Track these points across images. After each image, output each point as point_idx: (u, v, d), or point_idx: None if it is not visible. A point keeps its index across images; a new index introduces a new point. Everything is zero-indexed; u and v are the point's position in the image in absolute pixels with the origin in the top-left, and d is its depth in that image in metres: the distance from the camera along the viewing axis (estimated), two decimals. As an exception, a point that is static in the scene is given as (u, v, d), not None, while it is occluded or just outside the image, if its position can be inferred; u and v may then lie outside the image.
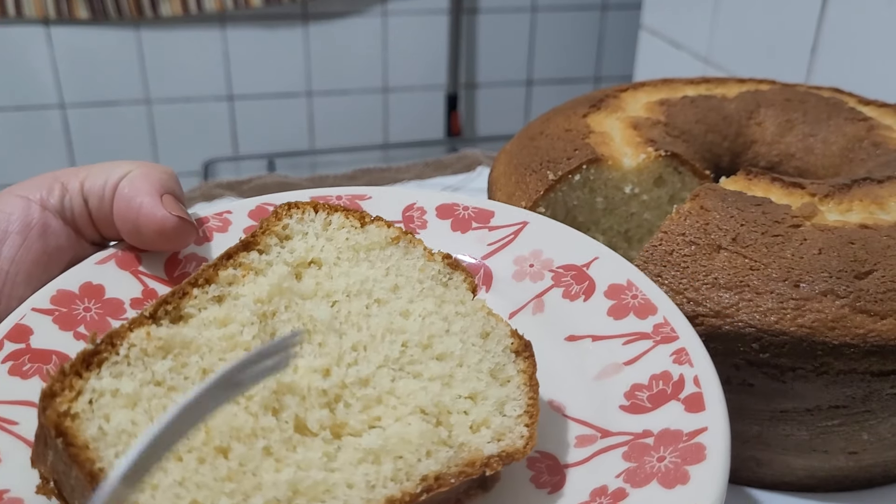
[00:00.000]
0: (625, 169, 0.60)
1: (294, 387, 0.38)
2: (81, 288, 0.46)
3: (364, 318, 0.43)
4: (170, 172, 0.49)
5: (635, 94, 0.70)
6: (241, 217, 0.53)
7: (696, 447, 0.37)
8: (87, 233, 0.48)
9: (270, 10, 2.03)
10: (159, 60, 2.02)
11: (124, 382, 0.35)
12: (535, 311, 0.49)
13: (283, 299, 0.42)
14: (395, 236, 0.47)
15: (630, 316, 0.46)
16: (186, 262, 0.49)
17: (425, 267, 0.46)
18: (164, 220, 0.46)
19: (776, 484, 0.54)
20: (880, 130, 0.63)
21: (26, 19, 1.90)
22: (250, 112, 2.14)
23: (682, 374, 0.41)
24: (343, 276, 0.45)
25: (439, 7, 2.13)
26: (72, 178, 0.47)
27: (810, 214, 0.51)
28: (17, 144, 2.03)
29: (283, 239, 0.46)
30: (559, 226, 0.53)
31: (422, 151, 2.24)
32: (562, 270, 0.50)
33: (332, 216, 0.47)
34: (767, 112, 0.68)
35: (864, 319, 0.46)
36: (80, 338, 0.44)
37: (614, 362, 0.44)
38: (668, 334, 0.43)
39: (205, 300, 0.41)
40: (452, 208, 0.55)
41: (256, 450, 0.36)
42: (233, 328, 0.40)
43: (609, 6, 2.25)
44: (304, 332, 0.41)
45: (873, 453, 0.51)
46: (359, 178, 1.11)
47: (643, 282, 0.47)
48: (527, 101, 2.35)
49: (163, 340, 0.37)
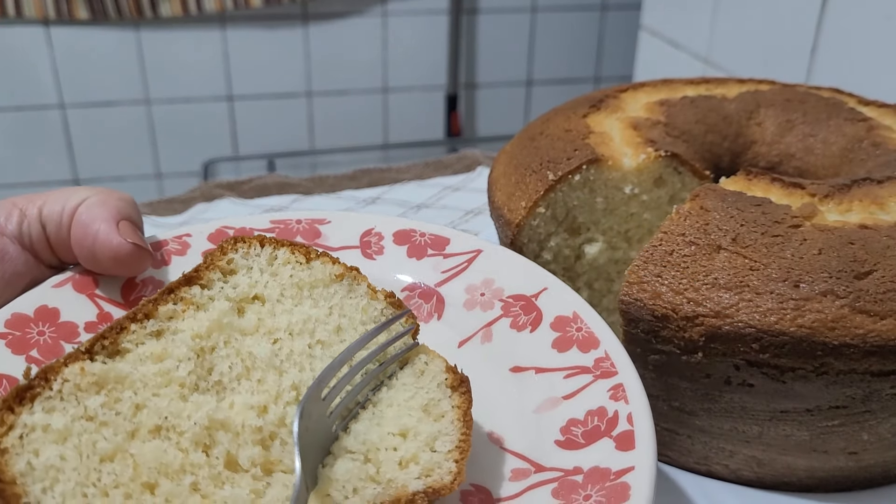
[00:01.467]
0: (625, 169, 0.60)
1: (227, 423, 0.39)
2: (37, 311, 0.46)
3: (307, 359, 0.43)
4: (127, 199, 0.50)
5: (635, 94, 0.70)
6: (199, 240, 0.53)
7: (621, 486, 0.37)
8: (45, 257, 0.49)
9: (270, 10, 2.03)
10: (159, 61, 2.02)
11: (56, 418, 0.35)
12: (483, 340, 0.50)
13: (223, 335, 0.42)
14: (340, 273, 0.47)
15: (573, 349, 0.46)
16: (143, 285, 0.50)
17: (368, 307, 0.46)
18: (120, 246, 0.46)
19: (776, 484, 0.54)
20: (880, 131, 0.63)
21: (26, 19, 1.90)
22: (250, 112, 2.14)
23: (617, 411, 0.41)
24: (286, 314, 0.45)
25: (439, 7, 2.13)
26: (30, 205, 0.48)
27: (810, 215, 0.51)
28: (17, 144, 2.03)
29: (227, 273, 0.46)
30: (511, 255, 0.54)
31: (422, 152, 2.24)
32: (511, 300, 0.51)
33: (278, 251, 0.47)
34: (767, 112, 0.68)
35: (864, 320, 0.46)
36: (31, 361, 0.44)
37: (554, 396, 0.44)
38: (607, 369, 0.44)
39: (142, 335, 0.41)
40: (409, 234, 0.56)
41: (184, 486, 0.36)
42: (168, 363, 0.40)
43: (609, 6, 2.25)
44: (244, 368, 0.42)
45: (873, 453, 0.51)
46: (359, 178, 1.11)
47: (588, 314, 0.48)
48: (527, 102, 2.35)
49: (96, 376, 0.37)
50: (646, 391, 0.53)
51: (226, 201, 1.00)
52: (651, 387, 0.53)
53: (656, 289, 0.50)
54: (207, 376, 0.41)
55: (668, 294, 0.49)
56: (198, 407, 0.38)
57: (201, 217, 0.96)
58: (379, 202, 1.01)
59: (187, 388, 0.39)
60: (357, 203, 1.01)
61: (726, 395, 0.50)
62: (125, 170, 2.13)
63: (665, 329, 0.49)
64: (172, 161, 2.16)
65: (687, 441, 0.54)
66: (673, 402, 0.53)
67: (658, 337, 0.49)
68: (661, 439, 0.55)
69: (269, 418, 0.39)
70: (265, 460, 0.38)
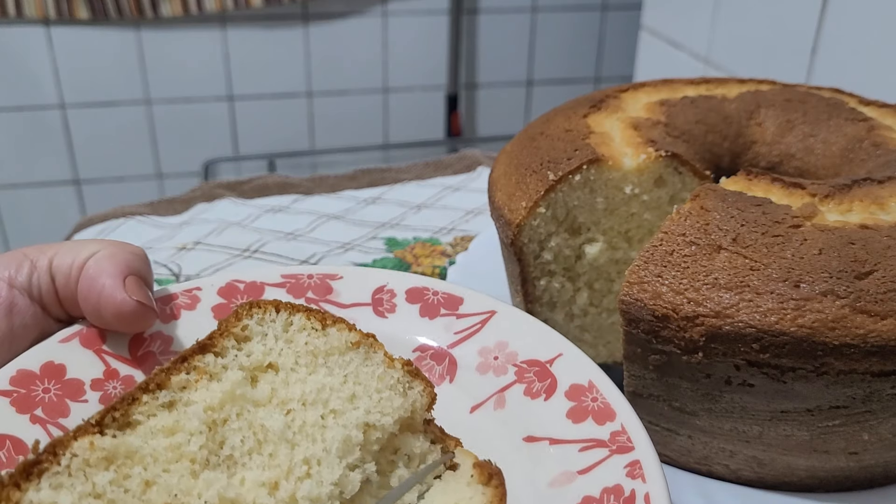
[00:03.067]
0: (625, 169, 0.60)
1: (238, 501, 0.38)
2: (42, 368, 0.45)
3: (319, 430, 0.42)
4: (139, 253, 0.49)
5: (635, 94, 0.70)
6: (210, 294, 0.52)
7: None
8: (54, 310, 0.48)
9: (271, 10, 2.03)
10: (159, 61, 2.02)
11: (63, 495, 0.34)
12: (496, 406, 0.49)
13: (235, 406, 0.41)
14: (356, 341, 0.46)
15: (589, 420, 0.45)
16: (151, 340, 0.49)
17: (384, 375, 0.45)
18: (123, 303, 0.45)
19: (777, 484, 0.54)
20: (881, 131, 0.63)
21: (27, 19, 1.90)
22: (250, 112, 2.14)
23: (634, 490, 0.40)
24: (299, 383, 0.44)
25: (439, 7, 2.13)
26: (41, 256, 0.48)
27: (810, 215, 0.51)
28: (17, 144, 2.03)
29: (241, 340, 0.45)
30: (526, 317, 0.53)
31: (422, 152, 2.24)
32: (525, 365, 0.50)
33: (293, 316, 0.46)
34: (768, 112, 0.68)
35: (865, 320, 0.46)
36: (35, 421, 0.43)
37: (569, 470, 0.43)
38: (624, 444, 0.43)
39: (154, 406, 0.40)
40: (423, 292, 0.55)
41: None
42: (180, 437, 0.39)
43: (609, 6, 2.25)
44: (257, 442, 0.40)
45: (874, 453, 0.51)
46: (359, 178, 1.11)
47: (604, 383, 0.47)
48: (527, 102, 2.35)
49: (106, 451, 0.36)
50: (646, 391, 0.53)
51: (226, 201, 1.00)
52: (651, 387, 0.53)
53: (657, 289, 0.50)
54: (219, 450, 0.40)
55: (669, 294, 0.49)
56: (208, 485, 0.38)
57: (202, 217, 0.96)
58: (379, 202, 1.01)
59: (198, 464, 0.38)
60: (357, 203, 1.01)
61: (727, 395, 0.50)
62: (125, 170, 2.14)
63: (665, 329, 0.49)
64: (173, 161, 2.16)
65: (687, 441, 0.54)
66: (673, 403, 0.53)
67: (658, 337, 0.49)
68: (662, 439, 0.55)
69: (280, 495, 0.39)
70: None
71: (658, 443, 0.55)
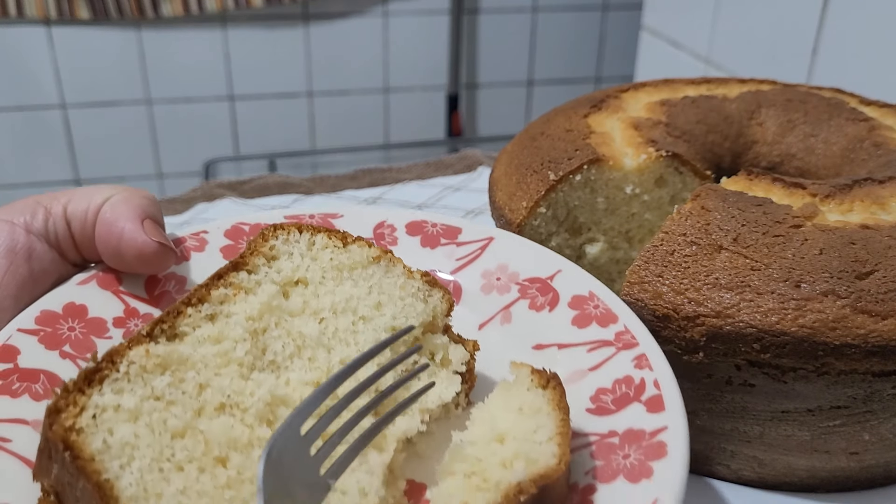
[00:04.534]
0: (626, 169, 0.60)
1: (286, 399, 0.41)
2: (65, 308, 0.47)
3: (351, 335, 0.45)
4: (150, 198, 0.50)
5: (636, 94, 0.70)
6: (217, 236, 0.55)
7: (657, 445, 0.39)
8: (70, 255, 0.50)
9: (271, 10, 2.03)
10: (160, 60, 2.02)
11: (125, 398, 0.37)
12: (503, 321, 0.52)
13: (273, 317, 0.44)
14: (377, 255, 0.49)
15: (593, 325, 0.48)
16: (166, 280, 0.51)
17: (406, 285, 0.48)
18: (145, 245, 0.47)
19: (778, 484, 0.54)
20: (881, 131, 0.63)
21: (27, 19, 1.90)
22: (251, 112, 2.14)
23: (643, 378, 0.43)
24: (329, 295, 0.47)
25: (440, 7, 2.13)
26: (54, 203, 0.49)
27: (811, 215, 0.51)
28: (18, 144, 2.03)
29: (270, 259, 0.48)
30: (523, 241, 0.55)
31: (423, 152, 2.24)
32: (527, 283, 0.53)
33: (315, 236, 0.49)
34: (768, 112, 0.68)
35: (866, 320, 0.46)
36: (65, 356, 0.45)
37: (580, 368, 0.46)
38: (629, 341, 0.46)
39: (198, 318, 0.42)
40: (421, 225, 0.57)
41: (253, 459, 0.38)
42: (226, 345, 0.42)
43: (610, 6, 2.25)
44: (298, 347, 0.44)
45: (875, 454, 0.51)
46: (360, 178, 1.11)
47: (604, 292, 0.50)
48: (528, 102, 2.35)
49: (160, 357, 0.39)
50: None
51: (227, 201, 1.00)
52: (652, 387, 0.53)
53: (657, 289, 0.50)
54: (262, 356, 0.43)
55: (670, 294, 0.49)
56: (259, 384, 0.41)
57: (202, 217, 0.96)
58: (380, 202, 1.01)
59: (246, 368, 0.41)
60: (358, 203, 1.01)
61: (727, 395, 0.50)
62: (126, 170, 2.14)
63: (666, 329, 0.49)
64: (173, 161, 2.16)
65: (688, 441, 0.54)
66: (674, 403, 0.53)
67: (659, 337, 0.49)
68: (662, 439, 0.55)
69: None
70: (324, 432, 0.40)
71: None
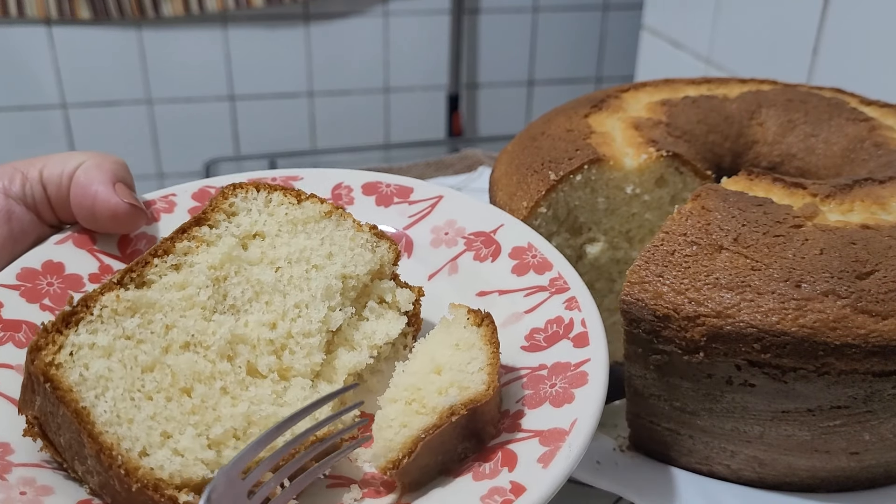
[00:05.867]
0: (626, 169, 0.60)
1: (245, 338, 0.46)
2: (44, 265, 0.51)
3: (304, 281, 0.50)
4: (121, 162, 0.53)
5: (637, 94, 0.70)
6: (185, 199, 0.58)
7: (580, 375, 0.45)
8: (46, 217, 0.53)
9: (272, 10, 2.03)
10: (161, 60, 2.02)
11: (99, 337, 0.41)
12: (450, 272, 0.57)
13: (233, 266, 0.49)
14: (328, 211, 0.53)
15: (530, 273, 0.53)
16: (137, 240, 0.55)
17: (355, 237, 0.53)
18: (118, 206, 0.51)
19: (778, 484, 0.54)
20: (882, 131, 0.63)
21: (28, 19, 1.90)
22: (252, 112, 2.14)
23: (572, 318, 0.49)
24: (284, 246, 0.51)
25: (441, 7, 2.13)
26: (31, 168, 0.52)
27: (812, 215, 0.51)
28: (18, 144, 2.03)
29: (230, 215, 0.51)
30: (470, 199, 0.60)
31: (423, 151, 2.24)
32: (473, 237, 0.57)
33: (272, 195, 0.53)
34: (769, 112, 0.68)
35: (866, 320, 0.46)
36: (45, 309, 0.49)
37: (517, 311, 0.52)
38: (561, 286, 0.51)
39: (164, 268, 0.47)
40: (376, 186, 0.61)
41: (215, 389, 0.43)
42: (190, 290, 0.46)
43: (610, 6, 2.25)
44: (255, 293, 0.48)
45: (875, 454, 0.51)
46: (360, 178, 1.10)
47: (541, 243, 0.55)
48: (528, 102, 2.34)
49: (130, 302, 0.43)
50: (647, 391, 0.53)
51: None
52: (652, 387, 0.53)
53: (658, 289, 0.50)
54: (223, 301, 0.47)
55: (670, 294, 0.49)
56: (220, 325, 0.45)
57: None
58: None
59: (208, 311, 0.46)
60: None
61: (728, 395, 0.50)
62: (127, 169, 2.13)
63: (666, 329, 0.49)
64: (174, 161, 2.16)
65: (688, 441, 0.54)
66: (674, 402, 0.53)
67: (659, 337, 0.49)
68: (663, 439, 0.55)
69: (278, 332, 0.47)
70: (280, 367, 0.46)
71: (659, 442, 0.55)
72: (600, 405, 0.42)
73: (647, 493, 0.53)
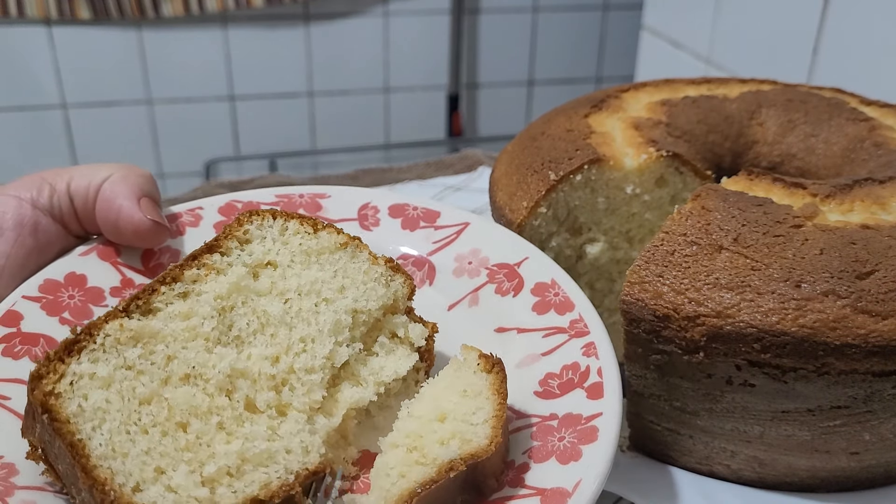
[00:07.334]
0: (626, 169, 0.60)
1: (246, 372, 0.45)
2: (66, 277, 0.51)
3: (313, 315, 0.48)
4: (147, 176, 0.54)
5: (637, 94, 0.70)
6: (211, 212, 0.58)
7: (590, 429, 0.43)
8: (73, 228, 0.53)
9: (272, 10, 2.03)
10: (161, 60, 2.02)
11: (100, 367, 0.41)
12: (470, 304, 0.56)
13: (241, 296, 0.48)
14: (344, 242, 0.52)
15: (551, 312, 0.52)
16: (161, 253, 0.55)
17: (370, 270, 0.51)
18: (141, 222, 0.51)
19: (778, 484, 0.54)
20: (882, 131, 0.63)
21: (28, 19, 1.90)
22: (252, 112, 2.14)
23: (589, 366, 0.47)
24: (295, 277, 0.50)
25: (441, 7, 2.13)
26: (58, 179, 0.52)
27: (812, 215, 0.51)
28: (19, 144, 2.03)
29: (243, 242, 0.51)
30: (496, 227, 0.59)
31: (423, 151, 2.24)
32: (496, 268, 0.56)
33: (288, 223, 0.52)
34: (769, 112, 0.68)
35: (866, 320, 0.46)
36: (64, 322, 0.49)
37: (534, 353, 0.50)
38: (581, 329, 0.50)
39: (171, 296, 0.46)
40: (403, 208, 0.60)
41: (211, 425, 0.42)
42: (195, 321, 0.45)
43: (610, 6, 2.25)
44: (259, 327, 0.47)
45: (875, 454, 0.51)
46: (360, 177, 1.11)
47: (565, 280, 0.53)
48: (528, 102, 2.35)
49: (133, 331, 0.43)
50: (647, 391, 0.53)
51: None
52: (652, 387, 0.53)
53: (658, 289, 0.50)
54: (228, 332, 0.46)
55: (670, 294, 0.49)
56: (221, 358, 0.44)
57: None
58: (380, 202, 1.01)
59: (211, 342, 0.45)
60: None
61: (728, 395, 0.50)
62: (127, 169, 2.13)
63: (666, 329, 0.49)
64: (174, 161, 2.16)
65: (688, 441, 0.54)
66: (674, 402, 0.53)
67: (659, 337, 0.50)
68: (663, 439, 0.55)
69: (280, 367, 0.46)
70: (278, 403, 0.45)
71: (659, 442, 0.55)
72: (608, 464, 0.41)
73: (647, 493, 0.53)
